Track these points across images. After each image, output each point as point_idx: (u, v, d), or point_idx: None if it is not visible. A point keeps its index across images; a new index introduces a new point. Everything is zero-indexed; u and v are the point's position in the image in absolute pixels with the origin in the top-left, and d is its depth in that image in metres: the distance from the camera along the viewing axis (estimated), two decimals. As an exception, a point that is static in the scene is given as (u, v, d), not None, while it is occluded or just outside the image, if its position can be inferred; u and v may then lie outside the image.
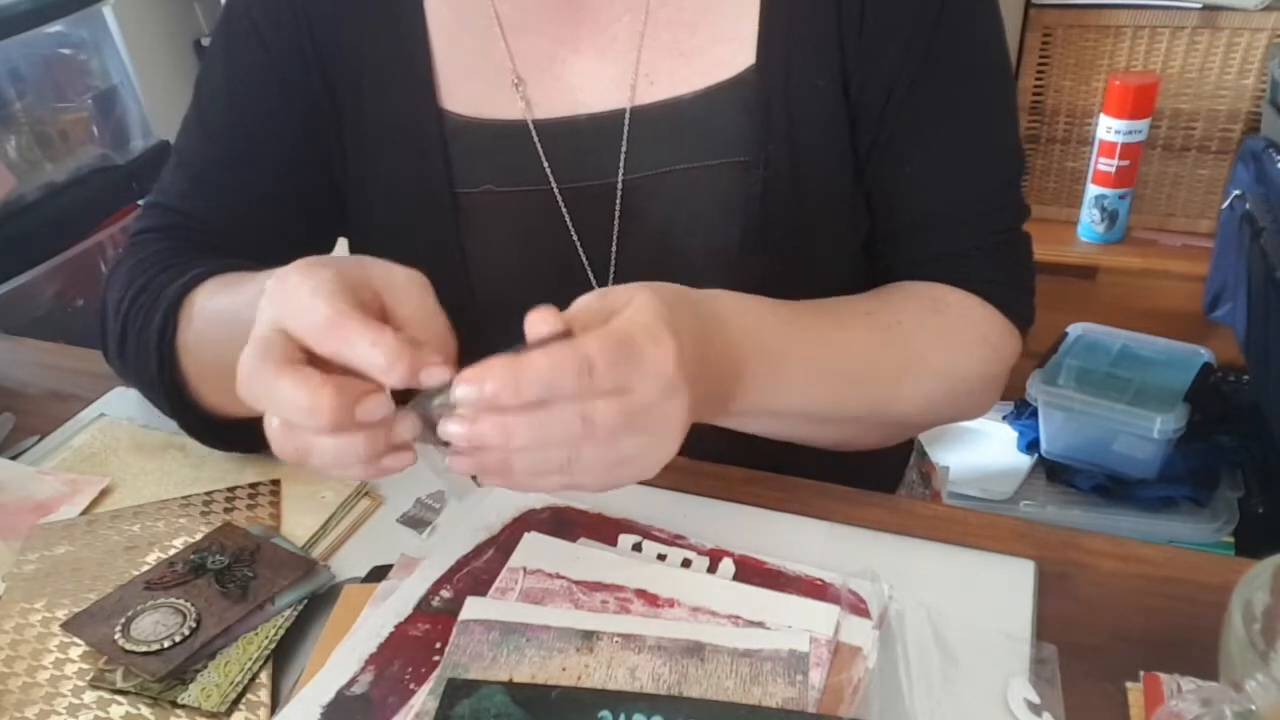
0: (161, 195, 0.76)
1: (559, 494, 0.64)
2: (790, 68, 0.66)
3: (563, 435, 0.46)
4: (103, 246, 1.74)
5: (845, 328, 0.65)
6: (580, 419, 0.46)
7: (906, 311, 0.68)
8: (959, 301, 0.69)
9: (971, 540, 0.61)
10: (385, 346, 0.45)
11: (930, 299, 0.69)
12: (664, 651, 0.52)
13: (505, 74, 0.70)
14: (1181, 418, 1.57)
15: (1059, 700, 0.51)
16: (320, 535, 0.64)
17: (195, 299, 0.64)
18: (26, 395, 0.81)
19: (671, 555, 0.60)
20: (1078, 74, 1.82)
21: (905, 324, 0.66)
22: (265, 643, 0.55)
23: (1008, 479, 1.74)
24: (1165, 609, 0.56)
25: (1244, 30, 1.70)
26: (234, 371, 0.48)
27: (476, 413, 0.46)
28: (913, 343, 0.66)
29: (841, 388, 0.63)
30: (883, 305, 0.68)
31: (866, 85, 0.66)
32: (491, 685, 0.50)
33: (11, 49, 1.62)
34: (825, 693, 0.50)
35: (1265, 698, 0.42)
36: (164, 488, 0.68)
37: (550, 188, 0.70)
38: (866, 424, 0.67)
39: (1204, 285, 1.70)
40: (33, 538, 0.63)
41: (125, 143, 1.80)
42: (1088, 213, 1.85)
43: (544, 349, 0.45)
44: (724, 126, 0.67)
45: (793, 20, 0.66)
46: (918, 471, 0.92)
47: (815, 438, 0.68)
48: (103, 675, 0.54)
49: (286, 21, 0.71)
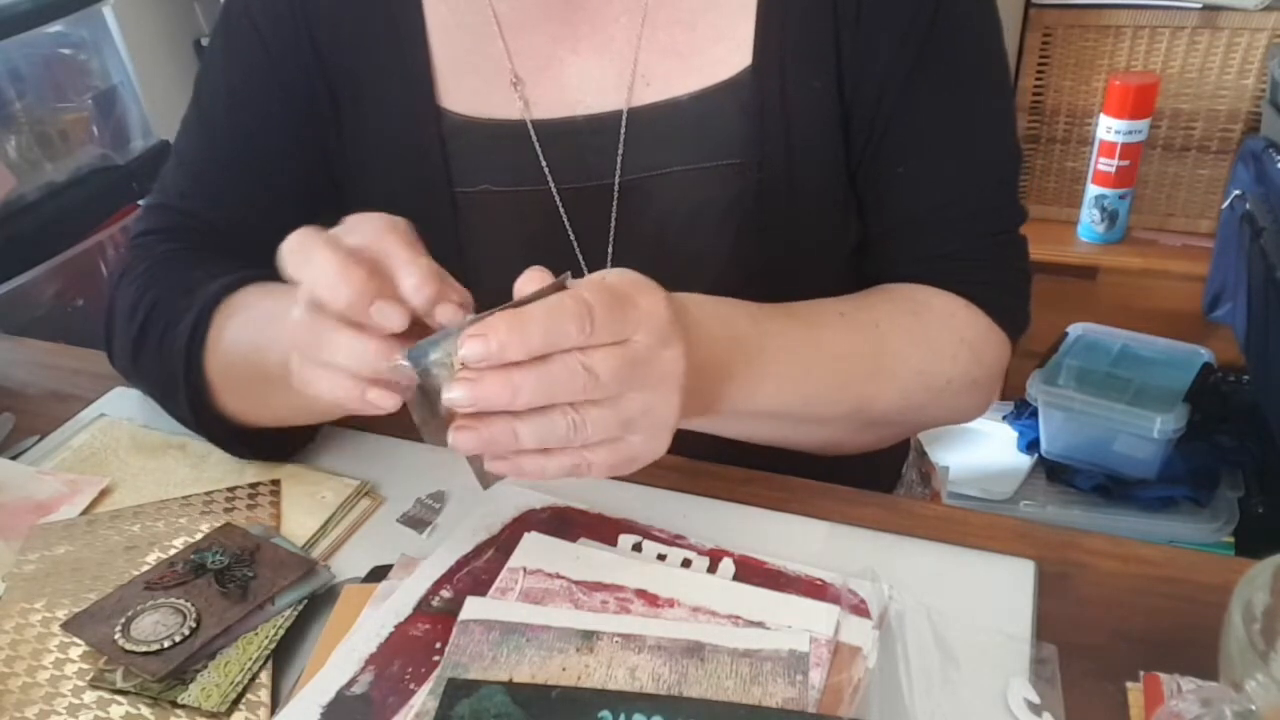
0: (161, 195, 0.76)
1: (567, 484, 0.64)
2: (786, 69, 0.66)
3: (567, 388, 0.46)
4: (103, 246, 1.74)
5: (817, 327, 0.64)
6: (583, 369, 0.46)
7: (883, 313, 0.67)
8: (941, 304, 0.68)
9: (971, 540, 0.61)
10: (419, 268, 0.48)
11: (910, 301, 0.69)
12: (664, 651, 0.52)
13: (503, 73, 0.70)
14: (1181, 418, 1.57)
15: (1059, 700, 0.51)
16: (320, 535, 0.64)
17: (233, 301, 0.64)
18: (26, 395, 0.81)
19: (671, 555, 0.60)
20: (1078, 74, 1.82)
21: (882, 325, 0.66)
22: (265, 643, 0.55)
23: (1008, 479, 1.74)
24: (1165, 609, 0.56)
25: (1244, 30, 1.70)
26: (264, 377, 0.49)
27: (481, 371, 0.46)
28: (889, 343, 0.66)
29: (818, 387, 0.63)
30: (859, 307, 0.67)
31: (861, 85, 0.66)
32: (491, 685, 0.50)
33: (11, 49, 1.62)
34: (825, 693, 0.50)
35: (1265, 698, 0.42)
36: (164, 488, 0.68)
37: (548, 187, 0.70)
38: (849, 424, 0.67)
39: (1204, 285, 1.70)
40: (33, 538, 0.63)
41: (125, 143, 1.80)
42: (1088, 213, 1.85)
43: (541, 301, 0.46)
44: (720, 128, 0.67)
45: (789, 22, 0.66)
46: (917, 471, 0.92)
47: (801, 440, 0.68)
48: (103, 675, 0.54)
49: (285, 20, 0.71)
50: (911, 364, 0.66)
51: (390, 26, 0.70)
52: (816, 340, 0.63)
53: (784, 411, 0.62)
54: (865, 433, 0.70)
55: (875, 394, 0.65)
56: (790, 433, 0.67)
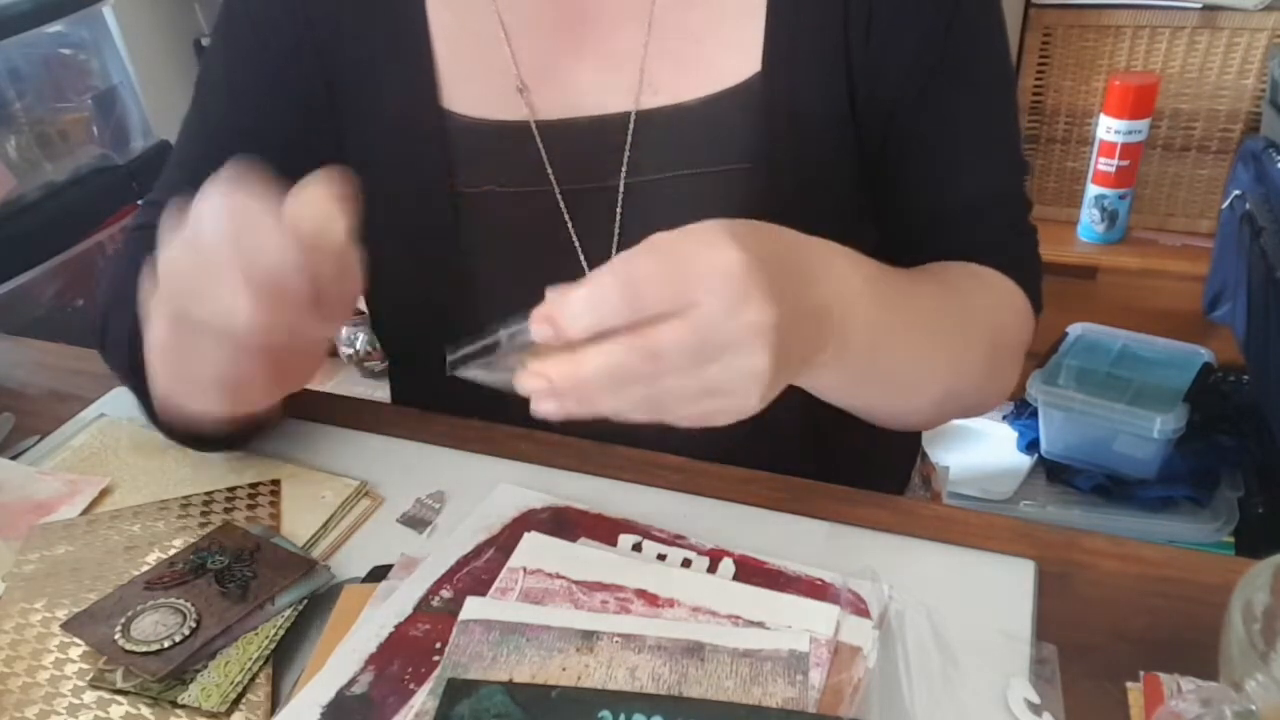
0: (160, 192, 0.76)
1: (567, 484, 0.64)
2: (795, 75, 0.66)
3: (635, 373, 0.44)
4: (103, 246, 1.74)
5: (920, 281, 0.63)
6: (648, 353, 0.44)
7: (957, 274, 0.68)
8: (990, 271, 0.69)
9: (971, 540, 0.61)
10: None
11: (968, 268, 0.69)
12: (664, 651, 0.52)
13: (509, 78, 0.70)
14: (1181, 418, 1.57)
15: (1059, 700, 0.51)
16: (320, 535, 0.64)
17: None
18: (26, 395, 0.81)
19: (671, 555, 0.60)
20: (1078, 74, 1.83)
21: (962, 287, 0.67)
22: (265, 643, 0.55)
23: (1008, 479, 1.74)
24: (1165, 609, 0.56)
25: (1244, 30, 1.70)
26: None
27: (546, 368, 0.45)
28: (971, 300, 0.66)
29: (928, 341, 0.61)
30: (933, 269, 0.68)
31: (875, 92, 0.66)
32: (491, 685, 0.50)
33: (11, 49, 1.62)
34: (825, 693, 0.50)
35: (1265, 698, 0.42)
36: (164, 488, 0.68)
37: (552, 189, 0.70)
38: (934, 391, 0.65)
39: (1204, 285, 1.70)
40: (33, 538, 0.63)
41: (125, 143, 1.80)
42: (1088, 213, 1.85)
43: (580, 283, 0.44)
44: (728, 133, 0.67)
45: (798, 28, 0.66)
46: (918, 473, 0.92)
47: (886, 406, 0.66)
48: (103, 675, 0.54)
49: (286, 20, 0.71)
50: (990, 327, 0.66)
51: (392, 29, 0.70)
52: (927, 296, 0.62)
53: (898, 367, 0.60)
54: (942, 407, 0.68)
55: (965, 352, 0.64)
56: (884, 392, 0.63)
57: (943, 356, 0.63)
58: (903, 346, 0.59)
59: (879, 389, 0.62)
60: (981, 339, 0.66)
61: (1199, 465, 1.65)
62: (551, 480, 0.66)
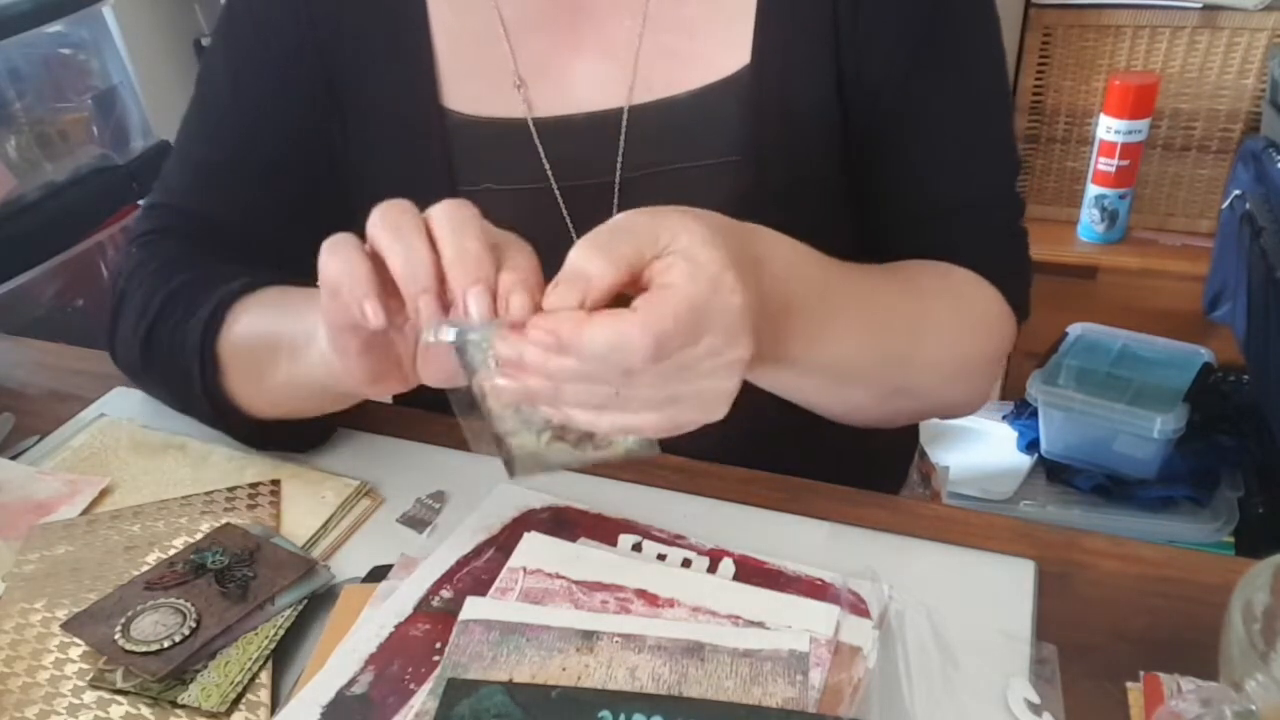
0: (163, 195, 0.76)
1: (567, 484, 0.64)
2: (785, 67, 0.66)
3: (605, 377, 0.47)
4: (103, 246, 1.74)
5: (870, 277, 0.63)
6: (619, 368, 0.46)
7: (925, 278, 0.68)
8: (963, 275, 0.69)
9: (971, 540, 0.61)
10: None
11: (938, 269, 0.69)
12: (664, 651, 0.52)
13: (507, 74, 0.70)
14: (1181, 418, 1.57)
15: (1059, 700, 0.51)
16: (320, 535, 0.64)
17: (250, 298, 0.65)
18: (26, 395, 0.81)
19: (671, 555, 0.60)
20: (1078, 74, 1.83)
21: (924, 289, 0.66)
22: (265, 643, 0.55)
23: (1008, 479, 1.74)
24: (1165, 609, 0.56)
25: (1244, 30, 1.70)
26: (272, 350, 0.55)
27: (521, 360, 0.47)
28: (931, 307, 0.66)
29: (873, 337, 0.62)
30: (900, 269, 0.67)
31: (861, 83, 0.67)
32: (491, 685, 0.50)
33: (11, 49, 1.62)
34: (825, 693, 0.50)
35: (1265, 698, 0.42)
36: (164, 488, 0.68)
37: (550, 186, 0.70)
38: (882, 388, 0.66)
39: (1204, 285, 1.70)
40: (33, 538, 0.63)
41: (125, 143, 1.80)
42: (1088, 213, 1.85)
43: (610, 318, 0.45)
44: (719, 126, 0.68)
45: (787, 21, 0.66)
46: (918, 472, 0.92)
47: (833, 402, 0.66)
48: (103, 675, 0.54)
49: (288, 21, 0.71)
50: (947, 331, 0.66)
51: (393, 28, 0.70)
52: (870, 290, 0.62)
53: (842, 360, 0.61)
54: (889, 402, 0.69)
55: (913, 356, 0.64)
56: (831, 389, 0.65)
57: (888, 351, 0.63)
58: (839, 338, 0.59)
59: (815, 380, 0.63)
60: (939, 341, 0.66)
61: (1199, 465, 1.65)
62: (551, 480, 0.66)
